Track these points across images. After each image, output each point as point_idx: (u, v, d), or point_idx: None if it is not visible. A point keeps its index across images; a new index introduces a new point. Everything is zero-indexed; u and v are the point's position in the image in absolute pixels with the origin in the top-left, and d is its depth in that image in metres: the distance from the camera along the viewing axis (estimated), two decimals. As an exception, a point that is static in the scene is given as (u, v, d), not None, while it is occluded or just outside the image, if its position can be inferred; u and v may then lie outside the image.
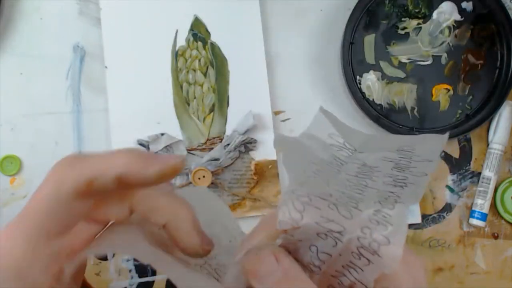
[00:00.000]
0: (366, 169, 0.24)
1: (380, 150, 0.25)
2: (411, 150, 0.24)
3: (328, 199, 0.22)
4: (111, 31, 0.55)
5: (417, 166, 0.23)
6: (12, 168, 0.55)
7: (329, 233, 0.21)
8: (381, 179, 0.23)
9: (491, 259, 0.59)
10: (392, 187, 0.22)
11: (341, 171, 0.24)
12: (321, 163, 0.24)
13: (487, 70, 0.57)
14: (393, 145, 0.25)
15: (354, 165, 0.24)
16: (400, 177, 0.23)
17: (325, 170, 0.23)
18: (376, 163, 0.24)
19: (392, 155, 0.24)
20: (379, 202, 0.22)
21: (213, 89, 0.56)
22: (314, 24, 0.58)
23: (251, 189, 0.56)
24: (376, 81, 0.57)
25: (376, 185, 0.23)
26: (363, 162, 0.24)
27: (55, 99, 0.56)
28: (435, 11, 0.57)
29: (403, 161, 0.24)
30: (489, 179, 0.57)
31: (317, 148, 0.25)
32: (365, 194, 0.22)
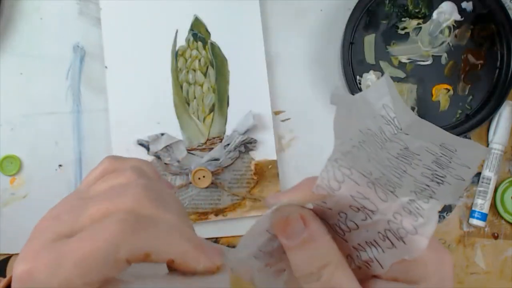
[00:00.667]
0: (407, 153, 0.24)
1: (424, 138, 0.24)
2: (453, 150, 0.24)
3: (368, 176, 0.22)
4: (111, 31, 0.55)
5: (456, 168, 0.23)
6: (12, 168, 0.55)
7: (362, 209, 0.22)
8: (420, 169, 0.23)
9: (491, 259, 0.59)
10: (429, 181, 0.23)
11: (383, 148, 0.24)
12: (367, 134, 0.24)
13: (487, 70, 0.57)
14: (437, 138, 0.25)
15: (396, 145, 0.24)
16: (439, 174, 0.23)
17: (370, 142, 0.23)
18: (418, 150, 0.24)
19: (435, 149, 0.24)
20: (415, 192, 0.22)
21: (213, 89, 0.56)
22: (314, 24, 0.58)
23: (251, 189, 0.56)
24: (376, 81, 0.57)
25: (415, 173, 0.23)
26: (406, 145, 0.24)
27: (55, 99, 0.56)
28: (435, 11, 0.57)
29: (443, 158, 0.24)
30: (489, 179, 0.57)
31: (368, 115, 0.24)
32: (403, 180, 0.23)
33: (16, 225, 0.55)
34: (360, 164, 0.22)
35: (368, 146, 0.23)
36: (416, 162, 0.24)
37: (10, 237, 0.55)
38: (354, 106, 0.24)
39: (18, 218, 0.55)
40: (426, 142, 0.24)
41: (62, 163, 0.56)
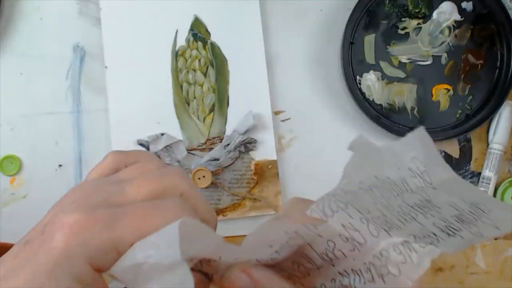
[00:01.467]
0: (427, 204, 0.23)
1: (455, 195, 0.24)
2: (486, 211, 0.23)
3: (364, 214, 0.22)
4: (111, 31, 0.55)
5: (480, 226, 0.23)
6: (12, 168, 0.55)
7: (351, 239, 0.22)
8: (435, 220, 0.23)
9: (491, 259, 0.59)
10: (439, 231, 0.22)
11: (399, 196, 0.23)
12: (384, 182, 0.23)
13: (487, 70, 0.57)
14: (471, 196, 0.24)
15: (418, 196, 0.24)
16: (455, 227, 0.22)
17: (384, 189, 0.23)
18: (441, 204, 0.23)
19: (463, 205, 0.23)
20: (415, 236, 0.21)
21: (213, 89, 0.56)
22: (314, 24, 0.58)
23: (251, 189, 0.56)
24: (376, 81, 0.57)
25: (425, 222, 0.22)
26: (429, 197, 0.24)
27: (55, 99, 0.56)
28: (435, 11, 0.57)
29: (469, 216, 0.23)
30: (489, 179, 0.57)
31: (392, 165, 0.24)
32: (406, 225, 0.22)
33: (16, 225, 0.55)
34: (359, 203, 0.22)
35: (380, 191, 0.23)
36: (432, 213, 0.23)
37: (10, 237, 0.55)
38: (376, 154, 0.24)
39: (18, 218, 0.55)
40: (455, 198, 0.24)
41: (62, 163, 0.56)
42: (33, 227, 0.24)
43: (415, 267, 0.21)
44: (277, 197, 0.56)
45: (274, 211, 0.56)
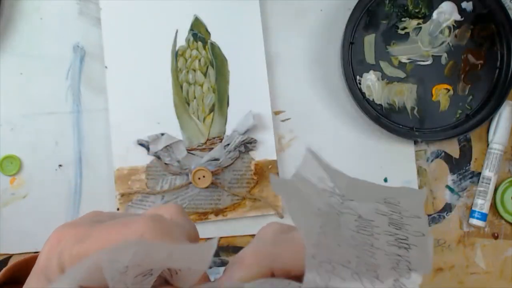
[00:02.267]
0: (364, 223, 0.23)
1: (368, 199, 0.23)
2: (397, 203, 0.23)
3: (349, 266, 0.21)
4: (111, 31, 0.55)
5: (410, 223, 0.23)
6: (12, 168, 0.55)
7: None
8: (383, 237, 0.23)
9: (491, 259, 0.59)
10: (397, 249, 0.22)
11: (341, 225, 0.23)
12: (322, 215, 0.23)
13: (487, 70, 0.57)
14: (378, 194, 0.23)
15: (349, 216, 0.23)
16: (401, 236, 0.22)
17: (328, 223, 0.23)
18: (370, 216, 0.23)
19: (382, 208, 0.23)
20: (394, 269, 0.22)
21: (213, 89, 0.56)
22: (314, 24, 0.58)
23: (251, 189, 0.56)
24: (376, 81, 0.57)
25: (381, 244, 0.22)
26: (357, 213, 0.23)
27: (55, 99, 0.56)
28: (435, 11, 0.57)
29: (394, 215, 0.23)
30: (489, 179, 0.57)
31: (312, 194, 0.23)
32: (376, 257, 0.22)
33: (16, 225, 0.55)
34: (335, 253, 0.22)
35: (329, 229, 0.23)
36: (376, 231, 0.23)
37: (10, 237, 0.55)
38: (297, 189, 0.23)
39: (18, 218, 0.55)
40: (372, 203, 0.23)
41: (62, 163, 0.56)
42: None
43: None
44: (277, 197, 0.56)
45: (274, 211, 0.56)
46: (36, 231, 0.55)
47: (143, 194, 0.55)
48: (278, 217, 0.56)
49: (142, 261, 0.20)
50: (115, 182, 0.55)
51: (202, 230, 0.56)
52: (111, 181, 0.55)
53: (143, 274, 0.21)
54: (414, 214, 0.22)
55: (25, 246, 0.55)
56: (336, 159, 0.57)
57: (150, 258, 0.20)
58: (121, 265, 0.20)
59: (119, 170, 0.55)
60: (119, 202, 0.55)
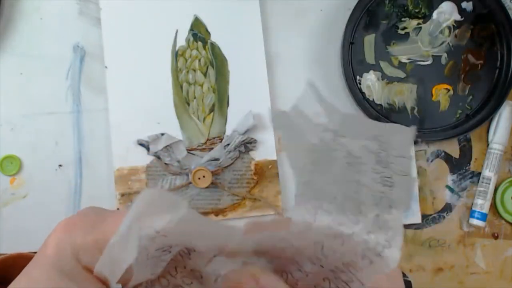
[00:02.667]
0: (352, 159, 0.24)
1: (359, 135, 0.24)
2: (386, 141, 0.24)
3: (335, 202, 0.22)
4: (111, 31, 0.55)
5: (396, 162, 0.23)
6: (12, 168, 0.55)
7: (339, 235, 0.22)
8: (369, 174, 0.23)
9: (491, 259, 0.59)
10: (381, 186, 0.23)
11: (331, 160, 0.24)
12: (314, 151, 0.24)
13: (487, 70, 0.57)
14: (369, 131, 0.24)
15: (340, 153, 0.24)
16: (386, 175, 0.23)
17: (320, 159, 0.24)
18: (359, 152, 0.24)
19: (372, 145, 0.24)
20: (376, 205, 0.22)
21: (213, 89, 0.56)
22: (314, 24, 0.58)
23: (251, 189, 0.56)
24: (376, 81, 0.57)
25: (367, 181, 0.23)
26: (347, 149, 0.24)
27: (55, 99, 0.56)
28: (435, 11, 0.57)
29: (382, 154, 0.24)
30: (489, 179, 0.57)
31: (307, 129, 0.24)
32: (361, 194, 0.23)
33: (16, 225, 0.55)
34: (323, 191, 0.23)
35: (321, 165, 0.23)
36: (363, 168, 0.24)
37: (10, 237, 0.55)
38: (293, 122, 0.24)
39: (18, 218, 0.55)
40: (362, 139, 0.24)
41: (62, 163, 0.56)
42: None
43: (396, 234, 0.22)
44: (277, 197, 0.56)
45: (274, 211, 0.56)
46: (36, 231, 0.55)
47: (143, 194, 0.55)
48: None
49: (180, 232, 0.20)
50: (115, 182, 0.55)
51: (202, 230, 0.56)
52: (111, 181, 0.55)
53: (163, 249, 0.21)
54: (400, 153, 0.23)
55: (25, 246, 0.55)
56: (336, 159, 0.57)
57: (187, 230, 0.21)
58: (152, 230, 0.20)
59: (119, 170, 0.55)
60: (119, 202, 0.55)
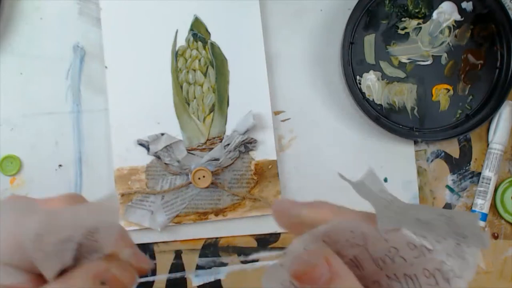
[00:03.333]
0: (423, 225, 0.24)
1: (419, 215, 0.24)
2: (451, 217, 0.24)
3: (417, 223, 0.23)
4: (111, 31, 0.55)
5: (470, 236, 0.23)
6: (12, 168, 0.55)
7: (420, 246, 0.22)
8: (443, 227, 0.24)
9: (491, 259, 0.59)
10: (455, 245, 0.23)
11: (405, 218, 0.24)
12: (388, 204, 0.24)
13: (487, 70, 0.57)
14: (433, 212, 0.24)
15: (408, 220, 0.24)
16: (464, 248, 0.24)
17: (393, 210, 0.24)
18: (428, 220, 0.24)
19: (441, 219, 0.24)
20: (456, 236, 0.23)
21: (213, 89, 0.56)
22: (314, 24, 0.58)
23: (251, 189, 0.56)
24: (376, 81, 0.57)
25: (444, 229, 0.23)
26: (416, 216, 0.24)
27: (55, 99, 0.56)
28: (435, 11, 0.57)
29: (452, 223, 0.23)
30: (489, 179, 0.57)
31: (374, 195, 0.24)
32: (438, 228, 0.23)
33: (16, 225, 0.55)
34: (404, 214, 0.23)
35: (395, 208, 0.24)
36: (437, 232, 0.23)
37: (10, 237, 0.55)
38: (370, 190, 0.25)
39: (18, 218, 0.55)
40: (429, 214, 0.24)
41: (62, 163, 0.56)
42: None
43: (469, 267, 0.23)
44: (277, 197, 0.56)
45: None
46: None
47: (143, 194, 0.55)
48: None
49: (50, 227, 0.22)
50: (115, 182, 0.55)
51: (202, 230, 0.56)
52: (111, 181, 0.55)
53: (62, 240, 0.22)
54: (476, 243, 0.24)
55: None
56: (336, 159, 0.57)
57: (57, 222, 0.22)
58: (31, 233, 0.21)
59: (119, 170, 0.55)
60: (119, 202, 0.55)
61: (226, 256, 0.57)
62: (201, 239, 0.57)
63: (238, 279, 0.57)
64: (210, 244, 0.57)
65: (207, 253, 0.57)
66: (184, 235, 0.56)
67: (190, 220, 0.55)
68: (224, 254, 0.57)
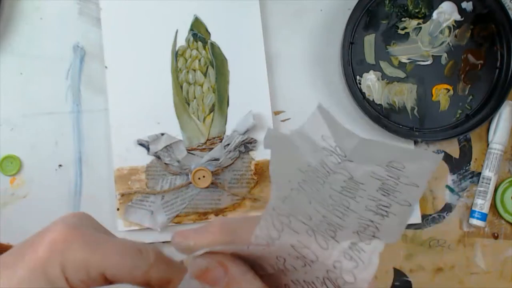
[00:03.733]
0: (351, 184, 0.23)
1: (370, 161, 0.23)
2: (401, 168, 0.22)
3: (308, 223, 0.21)
4: (111, 31, 0.55)
5: (403, 190, 0.22)
6: (12, 168, 0.55)
7: (301, 258, 0.21)
8: (365, 201, 0.22)
9: (491, 259, 0.59)
10: (373, 215, 0.22)
11: (325, 183, 0.23)
12: (308, 171, 0.23)
13: (487, 70, 0.57)
14: (385, 156, 0.23)
15: (340, 176, 0.23)
16: (384, 203, 0.22)
17: (311, 180, 0.23)
18: (363, 179, 0.23)
19: (381, 172, 0.23)
20: (358, 232, 0.21)
21: (213, 89, 0.56)
22: (314, 24, 0.58)
23: (251, 189, 0.56)
24: (376, 81, 0.57)
25: (359, 208, 0.22)
26: (350, 174, 0.23)
27: (55, 99, 0.56)
28: (435, 11, 0.57)
29: (390, 181, 0.22)
30: (489, 179, 0.57)
31: (308, 151, 0.23)
32: (345, 219, 0.22)
33: (16, 225, 0.55)
34: (299, 209, 0.22)
35: (309, 185, 0.22)
36: (360, 194, 0.22)
37: (10, 237, 0.55)
38: (291, 144, 0.23)
39: (18, 218, 0.55)
40: (371, 165, 0.23)
41: (62, 163, 0.56)
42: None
43: (367, 267, 0.21)
44: (277, 197, 0.56)
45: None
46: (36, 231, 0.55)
47: (143, 194, 0.55)
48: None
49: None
50: (115, 182, 0.55)
51: (202, 230, 0.56)
52: (111, 181, 0.55)
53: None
54: (413, 182, 0.22)
55: (25, 246, 0.55)
56: (336, 159, 0.57)
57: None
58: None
59: (119, 170, 0.55)
60: (119, 202, 0.55)
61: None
62: (201, 239, 0.57)
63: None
64: (210, 244, 0.57)
65: (207, 253, 0.57)
66: (184, 235, 0.56)
67: (190, 220, 0.55)
68: (224, 254, 0.57)
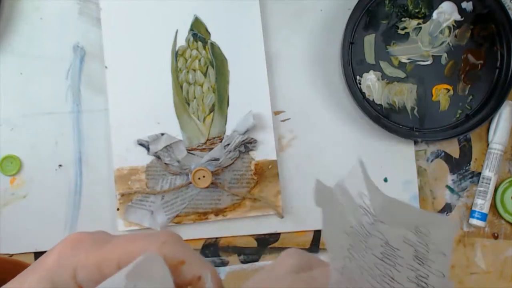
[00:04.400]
0: (389, 251, 0.23)
1: (398, 223, 0.23)
2: (427, 234, 0.23)
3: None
4: (111, 31, 0.55)
5: (434, 259, 0.22)
6: (12, 168, 0.55)
7: None
8: (405, 271, 0.23)
9: (491, 259, 0.59)
10: (416, 286, 0.22)
11: (367, 248, 0.23)
12: (352, 234, 0.23)
13: (487, 70, 0.57)
14: (409, 219, 0.23)
15: (377, 240, 0.23)
16: (422, 274, 0.22)
17: (356, 245, 0.23)
18: (397, 244, 0.23)
19: (411, 237, 0.23)
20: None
21: (213, 89, 0.56)
22: (314, 24, 0.58)
23: (251, 189, 0.56)
24: (376, 81, 0.57)
25: (401, 279, 0.22)
26: (385, 238, 0.23)
27: (55, 99, 0.56)
28: (435, 11, 0.57)
29: (420, 247, 0.23)
30: (489, 179, 0.57)
31: (349, 210, 0.23)
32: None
33: (16, 225, 0.55)
34: (355, 282, 0.22)
35: (356, 251, 0.23)
36: (400, 262, 0.23)
37: (10, 237, 0.55)
38: (337, 201, 0.23)
39: (18, 218, 0.55)
40: (401, 229, 0.23)
41: (62, 163, 0.56)
42: None
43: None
44: (277, 197, 0.56)
45: (274, 211, 0.56)
46: (36, 231, 0.55)
47: (143, 194, 0.55)
48: (278, 217, 0.56)
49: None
50: (115, 182, 0.55)
51: (202, 230, 0.56)
52: (111, 181, 0.55)
53: None
54: (440, 249, 0.22)
55: (25, 246, 0.55)
56: (336, 159, 0.57)
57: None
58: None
59: (119, 170, 0.55)
60: (119, 202, 0.55)
61: (226, 256, 0.57)
62: (201, 239, 0.57)
63: (238, 279, 0.57)
64: (210, 244, 0.57)
65: (207, 253, 0.57)
66: (184, 235, 0.56)
67: (190, 220, 0.55)
68: (224, 254, 0.57)
